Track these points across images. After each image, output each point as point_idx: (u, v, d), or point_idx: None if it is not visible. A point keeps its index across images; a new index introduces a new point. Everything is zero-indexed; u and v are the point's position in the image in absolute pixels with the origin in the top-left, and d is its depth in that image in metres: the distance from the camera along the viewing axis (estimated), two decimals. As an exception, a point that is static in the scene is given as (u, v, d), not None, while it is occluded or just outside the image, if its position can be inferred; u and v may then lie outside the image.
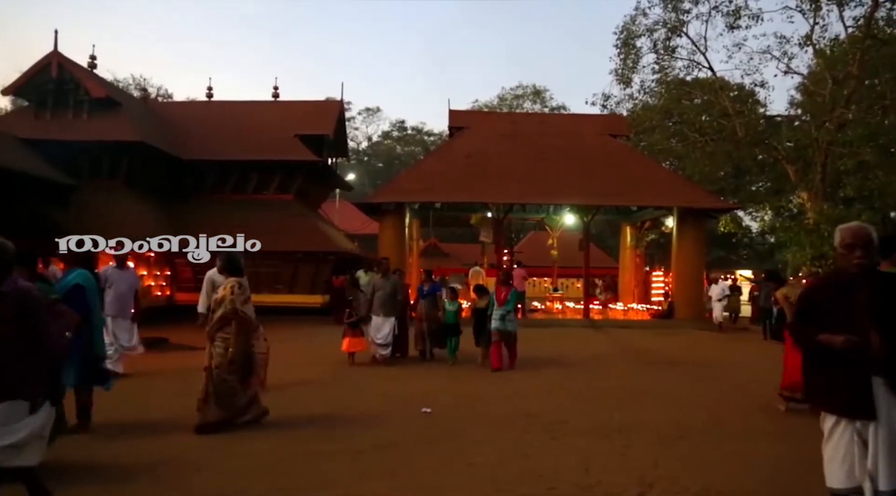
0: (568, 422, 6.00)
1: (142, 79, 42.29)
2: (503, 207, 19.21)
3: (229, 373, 5.48)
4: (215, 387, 5.43)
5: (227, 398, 5.48)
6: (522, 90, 48.23)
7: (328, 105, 24.50)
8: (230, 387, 5.49)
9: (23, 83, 18.07)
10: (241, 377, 5.55)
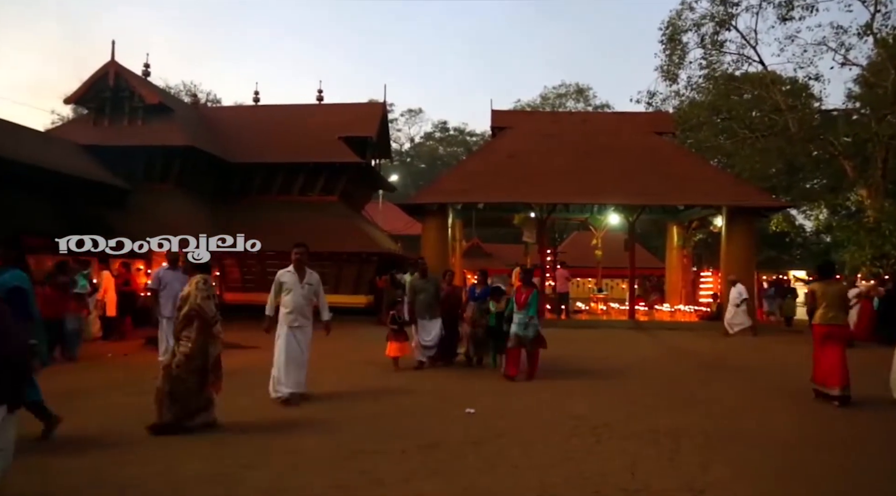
0: (614, 426, 5.90)
1: (192, 85, 43.65)
2: (546, 207, 19.05)
3: (189, 373, 5.34)
4: (172, 387, 5.29)
5: (182, 399, 5.33)
6: (565, 89, 47.80)
7: (371, 107, 24.76)
8: (187, 388, 5.33)
9: (83, 92, 18.85)
10: (200, 378, 5.40)
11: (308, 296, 6.81)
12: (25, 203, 12.58)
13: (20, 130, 15.72)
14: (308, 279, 6.85)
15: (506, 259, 29.91)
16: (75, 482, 4.13)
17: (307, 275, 6.85)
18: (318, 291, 6.96)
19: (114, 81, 18.38)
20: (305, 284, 6.79)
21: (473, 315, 9.59)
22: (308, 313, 6.82)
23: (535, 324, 8.54)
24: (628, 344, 13.30)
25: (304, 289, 6.77)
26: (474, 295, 9.83)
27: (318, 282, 6.95)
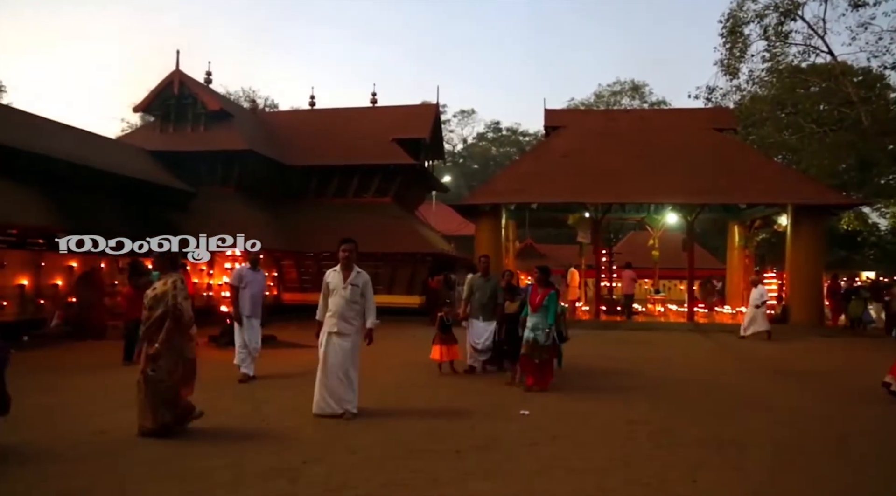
0: (674, 431, 5.75)
1: (251, 90, 44.99)
2: (601, 207, 18.74)
3: (167, 374, 5.15)
4: (155, 389, 5.12)
5: (171, 400, 5.19)
6: (620, 86, 46.94)
7: (424, 109, 24.93)
8: (168, 387, 5.16)
9: (150, 101, 19.69)
10: (174, 381, 5.20)
11: (352, 298, 6.03)
12: (98, 206, 13.24)
13: (95, 138, 16.59)
14: (353, 279, 6.08)
15: (560, 259, 29.60)
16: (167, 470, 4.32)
17: (353, 274, 6.10)
18: (366, 293, 6.15)
19: (178, 89, 19.14)
20: (349, 285, 6.03)
21: None
22: (352, 318, 6.05)
23: (549, 330, 7.60)
24: (687, 346, 12.94)
25: (348, 291, 6.02)
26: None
27: (365, 284, 6.15)
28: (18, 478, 4.18)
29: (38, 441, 5.03)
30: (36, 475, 4.22)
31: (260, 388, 7.52)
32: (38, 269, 11.83)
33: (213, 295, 16.64)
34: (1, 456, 4.58)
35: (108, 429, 5.38)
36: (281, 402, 6.69)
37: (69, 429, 5.44)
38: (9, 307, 11.10)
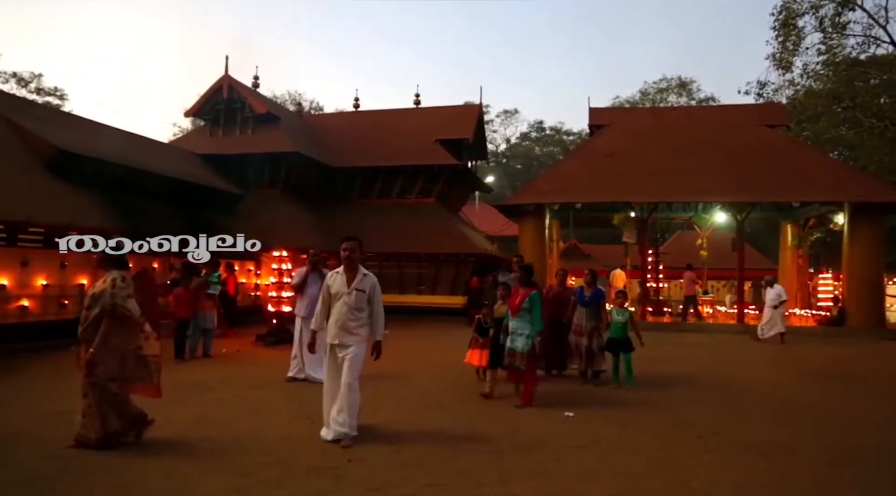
0: (723, 435, 5.59)
1: (296, 93, 45.85)
2: (647, 206, 18.39)
3: (111, 380, 4.86)
4: (102, 396, 4.83)
5: (120, 406, 4.92)
6: (666, 83, 45.97)
7: (467, 109, 24.95)
8: (115, 393, 4.88)
9: (200, 106, 20.31)
10: (123, 384, 4.95)
11: (357, 305, 5.22)
12: (153, 208, 13.72)
13: (149, 143, 17.22)
14: (359, 283, 5.26)
15: (604, 260, 29.17)
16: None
17: (359, 277, 5.29)
18: (374, 299, 5.33)
19: (227, 94, 19.69)
20: (354, 290, 5.23)
21: (586, 322, 8.16)
22: (356, 328, 5.22)
23: (531, 336, 6.68)
24: (737, 349, 12.59)
25: (352, 297, 5.22)
26: (583, 299, 8.29)
27: (372, 288, 5.32)
28: (82, 468, 4.36)
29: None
30: (101, 466, 4.40)
31: (306, 388, 7.64)
32: (96, 270, 12.30)
33: (261, 295, 17.03)
34: (66, 447, 4.79)
35: (159, 423, 5.56)
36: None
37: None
38: (70, 306, 11.60)
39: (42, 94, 36.91)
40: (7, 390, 7.25)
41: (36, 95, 35.91)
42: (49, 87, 37.81)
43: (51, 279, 11.28)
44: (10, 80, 36.12)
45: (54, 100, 37.03)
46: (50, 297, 11.26)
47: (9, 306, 10.55)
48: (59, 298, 11.48)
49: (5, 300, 10.49)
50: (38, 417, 5.85)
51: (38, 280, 11.10)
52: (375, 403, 6.74)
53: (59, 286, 11.48)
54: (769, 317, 14.01)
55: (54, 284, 11.38)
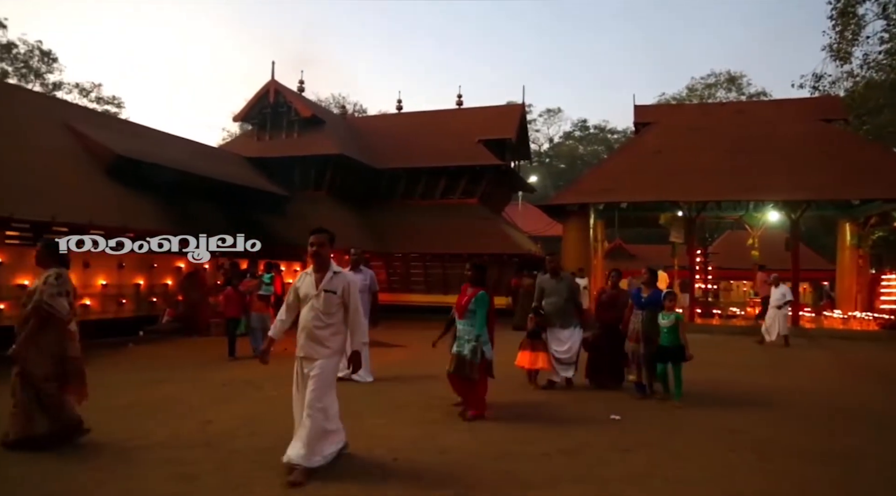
0: (779, 443, 5.40)
1: (340, 96, 46.50)
2: (695, 205, 17.93)
3: (45, 380, 4.73)
4: (32, 395, 4.70)
5: (54, 408, 4.76)
6: (715, 78, 44.62)
7: (510, 109, 24.85)
8: (50, 395, 4.74)
9: (247, 110, 20.84)
10: (59, 384, 4.80)
11: (326, 309, 4.39)
12: (204, 210, 14.13)
13: (200, 148, 17.76)
14: (328, 284, 4.43)
15: (651, 260, 28.57)
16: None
17: (329, 276, 4.47)
18: (349, 302, 4.46)
19: (273, 98, 20.12)
20: (322, 291, 4.41)
21: (643, 327, 7.33)
22: (326, 338, 4.39)
23: (485, 340, 6.12)
24: (792, 353, 12.14)
25: (319, 300, 4.40)
26: (639, 301, 7.42)
27: (346, 289, 4.45)
28: (141, 460, 4.53)
29: (154, 430, 5.42)
30: (159, 459, 4.56)
31: (351, 388, 7.73)
32: (150, 270, 12.76)
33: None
34: (126, 438, 4.98)
35: (213, 420, 5.73)
36: (373, 401, 6.86)
37: (178, 420, 5.83)
38: (127, 304, 12.06)
39: (101, 102, 38.49)
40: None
41: (96, 104, 37.44)
42: (108, 96, 39.44)
43: (109, 279, 11.73)
44: (73, 91, 37.82)
45: (112, 108, 38.55)
46: (109, 296, 11.73)
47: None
48: (118, 297, 11.93)
49: (68, 299, 10.96)
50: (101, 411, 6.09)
51: (99, 280, 11.57)
52: (421, 403, 6.80)
53: (117, 285, 11.94)
54: (773, 319, 13.46)
55: (112, 284, 11.84)
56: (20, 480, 4.12)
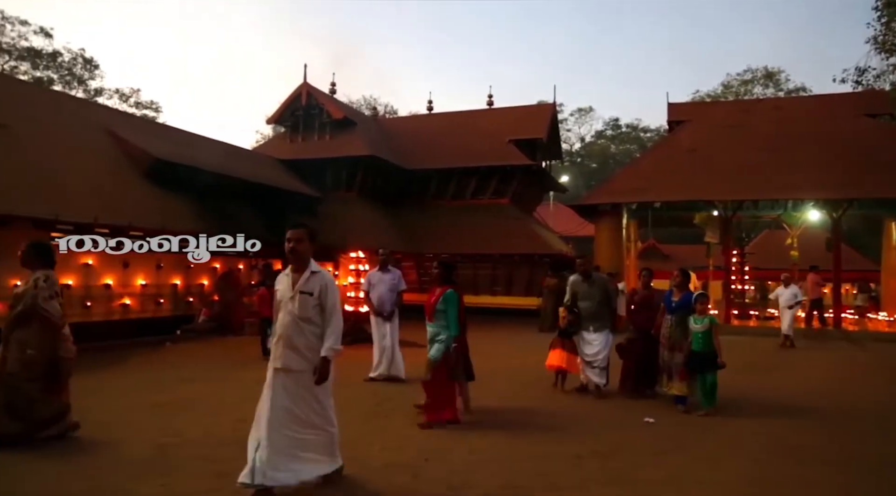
0: (817, 449, 5.25)
1: (371, 98, 46.86)
2: (731, 205, 17.56)
3: (29, 381, 4.78)
4: (7, 397, 4.74)
5: (23, 409, 4.77)
6: (751, 74, 43.71)
7: (540, 109, 24.72)
8: (26, 396, 4.76)
9: (281, 113, 21.15)
10: (44, 385, 4.85)
11: (302, 313, 3.96)
12: (239, 211, 14.40)
13: (235, 150, 18.10)
14: (305, 284, 4.02)
15: (685, 261, 28.13)
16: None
17: (306, 276, 4.05)
18: (326, 303, 4.01)
19: (306, 100, 20.39)
20: (298, 293, 4.00)
21: (671, 332, 6.83)
22: (306, 346, 3.96)
23: (446, 342, 5.81)
24: (832, 356, 11.80)
25: (296, 302, 3.98)
26: (671, 304, 6.90)
27: (323, 290, 4.01)
28: (175, 457, 4.64)
29: (188, 427, 5.54)
30: (193, 456, 4.66)
31: (384, 387, 7.78)
32: (187, 271, 13.04)
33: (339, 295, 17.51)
34: (162, 436, 5.11)
35: (246, 418, 5.81)
36: (404, 401, 6.89)
37: (212, 418, 5.94)
38: (165, 304, 12.35)
39: (140, 107, 39.52)
40: (110, 382, 7.79)
41: (135, 109, 38.47)
42: (146, 101, 40.49)
43: (148, 279, 12.04)
44: (113, 96, 38.94)
45: (150, 112, 39.55)
46: (148, 296, 12.03)
47: (113, 304, 11.35)
48: (156, 297, 12.23)
49: (110, 298, 11.29)
50: (140, 408, 6.25)
51: (138, 280, 11.88)
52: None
53: (155, 285, 12.24)
54: (789, 320, 13.10)
55: (151, 284, 12.14)
56: (53, 476, 4.26)
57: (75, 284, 10.59)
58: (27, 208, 9.28)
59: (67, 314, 5.07)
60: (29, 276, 4.96)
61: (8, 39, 35.40)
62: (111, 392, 7.18)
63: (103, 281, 11.18)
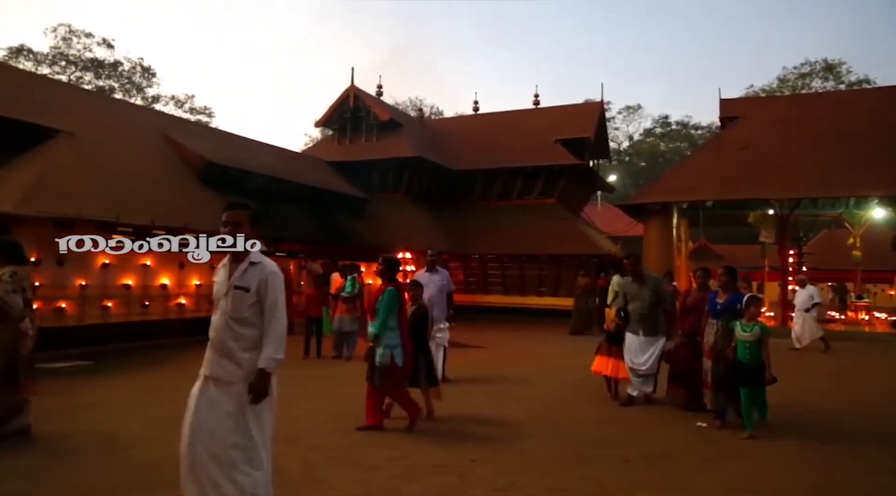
0: (882, 461, 5.02)
1: (417, 100, 47.19)
2: (788, 203, 16.94)
3: None
4: None
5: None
6: (809, 67, 42.04)
7: (588, 107, 24.40)
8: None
9: (328, 116, 21.50)
10: (4, 381, 4.80)
11: (236, 313, 3.23)
12: (289, 213, 14.72)
13: (285, 154, 18.51)
14: (242, 278, 3.29)
15: (738, 261, 27.33)
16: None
17: (243, 268, 3.34)
18: (265, 301, 3.24)
19: (353, 103, 20.68)
20: (232, 288, 3.28)
21: (716, 339, 6.03)
22: (240, 350, 3.21)
23: (394, 343, 5.50)
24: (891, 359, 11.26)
25: (228, 300, 3.27)
26: (715, 306, 6.13)
27: (263, 284, 3.27)
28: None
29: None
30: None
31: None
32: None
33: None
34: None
35: (297, 416, 5.94)
36: (450, 400, 6.90)
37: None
38: (218, 303, 12.73)
39: (194, 113, 40.89)
40: (168, 380, 8.08)
41: (189, 114, 39.81)
42: (199, 106, 41.89)
43: (202, 279, 12.41)
44: (169, 103, 40.43)
45: (203, 117, 40.87)
46: (202, 296, 12.40)
47: (169, 304, 11.75)
48: (210, 296, 12.62)
49: (167, 298, 11.70)
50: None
51: (192, 280, 12.27)
52: (500, 404, 6.79)
53: (209, 285, 12.58)
54: (801, 323, 12.44)
55: (206, 284, 12.51)
56: (118, 470, 4.44)
57: (134, 285, 11.00)
58: (91, 211, 9.70)
59: (128, 314, 5.19)
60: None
61: (75, 51, 37.28)
62: (170, 389, 7.43)
63: (160, 281, 11.59)
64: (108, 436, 5.17)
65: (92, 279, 10.26)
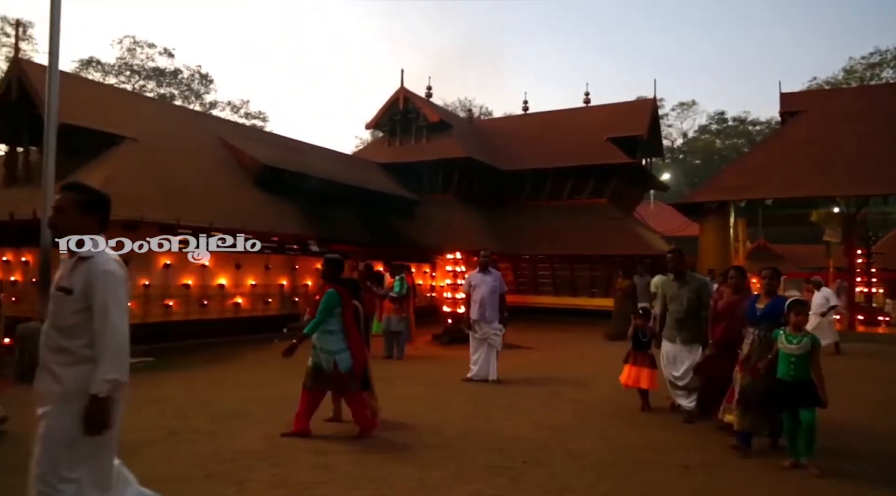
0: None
1: (466, 100, 47.22)
2: (855, 200, 16.16)
3: None
4: None
5: None
6: (879, 56, 39.95)
7: (640, 104, 23.88)
8: None
9: (379, 117, 21.75)
10: None
11: (57, 319, 2.66)
12: (341, 214, 14.96)
13: (337, 156, 18.84)
14: (67, 278, 2.69)
15: (800, 261, 26.28)
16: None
17: (70, 266, 2.73)
18: (94, 304, 2.62)
19: (403, 105, 20.85)
20: (56, 290, 2.70)
21: (755, 349, 5.14)
22: (61, 368, 2.62)
23: (338, 344, 5.31)
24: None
25: (55, 305, 2.68)
26: (754, 312, 5.25)
27: (90, 286, 2.63)
28: (286, 448, 4.87)
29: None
30: (303, 448, 4.88)
31: (482, 388, 7.80)
32: (293, 271, 13.69)
33: (436, 296, 17.75)
34: (274, 427, 5.39)
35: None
36: (502, 402, 6.88)
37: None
38: (273, 303, 13.03)
39: (249, 117, 42.10)
40: (226, 376, 8.32)
41: (244, 119, 41.01)
42: (254, 111, 43.09)
43: (258, 279, 12.74)
44: (225, 108, 41.78)
45: (258, 122, 42.02)
46: (257, 296, 12.73)
47: (226, 303, 12.11)
48: (265, 296, 12.92)
49: (224, 297, 12.05)
50: (254, 400, 6.63)
51: (248, 280, 12.60)
52: (553, 406, 6.72)
53: (264, 286, 12.93)
54: (815, 326, 10.99)
55: (260, 284, 12.84)
56: (182, 462, 4.59)
57: (194, 285, 11.38)
58: (154, 213, 10.10)
59: (188, 312, 5.31)
60: None
61: (138, 61, 38.97)
62: (229, 385, 7.67)
63: (217, 281, 11.96)
64: (171, 429, 5.37)
65: (154, 279, 10.66)
